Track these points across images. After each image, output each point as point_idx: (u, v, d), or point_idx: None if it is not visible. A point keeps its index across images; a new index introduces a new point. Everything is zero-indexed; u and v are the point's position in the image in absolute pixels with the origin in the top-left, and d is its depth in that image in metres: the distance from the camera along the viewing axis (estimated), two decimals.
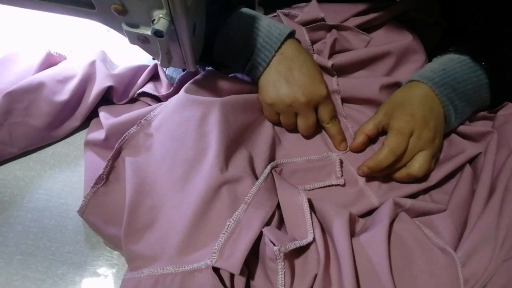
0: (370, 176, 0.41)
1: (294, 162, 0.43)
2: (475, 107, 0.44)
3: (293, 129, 0.45)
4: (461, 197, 0.39)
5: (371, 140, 0.43)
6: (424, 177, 0.41)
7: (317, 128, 0.44)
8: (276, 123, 0.45)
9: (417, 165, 0.39)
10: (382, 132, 0.43)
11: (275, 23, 0.43)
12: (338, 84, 0.47)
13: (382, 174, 0.41)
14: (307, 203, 0.35)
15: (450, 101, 0.41)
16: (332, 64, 0.45)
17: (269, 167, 0.40)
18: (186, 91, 0.42)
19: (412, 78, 0.44)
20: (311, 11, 0.49)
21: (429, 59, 0.48)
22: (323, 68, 0.47)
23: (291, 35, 0.43)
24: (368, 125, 0.42)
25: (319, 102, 0.42)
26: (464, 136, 0.44)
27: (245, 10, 0.45)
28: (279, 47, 0.42)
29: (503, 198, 0.36)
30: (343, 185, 0.41)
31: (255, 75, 0.43)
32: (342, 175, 0.42)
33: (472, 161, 0.43)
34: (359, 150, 0.43)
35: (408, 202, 0.37)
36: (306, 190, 0.41)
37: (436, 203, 0.40)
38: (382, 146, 0.40)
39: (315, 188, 0.41)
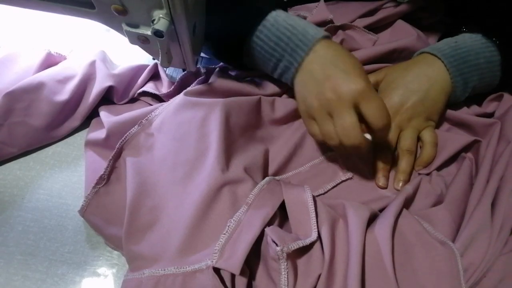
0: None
1: (299, 172, 0.43)
2: (487, 84, 0.44)
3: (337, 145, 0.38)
4: (458, 189, 0.39)
5: None
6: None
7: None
8: (320, 141, 0.40)
9: (400, 142, 0.43)
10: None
11: (307, 26, 0.40)
12: None
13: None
14: (312, 200, 0.35)
15: (460, 72, 0.41)
16: None
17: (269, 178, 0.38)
18: (187, 93, 0.41)
19: (423, 50, 0.44)
20: (320, 13, 0.49)
21: None
22: None
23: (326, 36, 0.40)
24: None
25: (357, 99, 0.35)
26: (469, 127, 0.44)
27: (277, 12, 0.41)
28: (313, 46, 0.38)
29: (499, 187, 0.37)
30: (352, 178, 0.42)
31: (288, 78, 0.42)
32: (347, 170, 0.42)
33: (469, 149, 0.43)
34: None
35: (410, 190, 0.38)
36: (321, 194, 0.41)
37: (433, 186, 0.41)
38: None
39: (329, 190, 0.41)
